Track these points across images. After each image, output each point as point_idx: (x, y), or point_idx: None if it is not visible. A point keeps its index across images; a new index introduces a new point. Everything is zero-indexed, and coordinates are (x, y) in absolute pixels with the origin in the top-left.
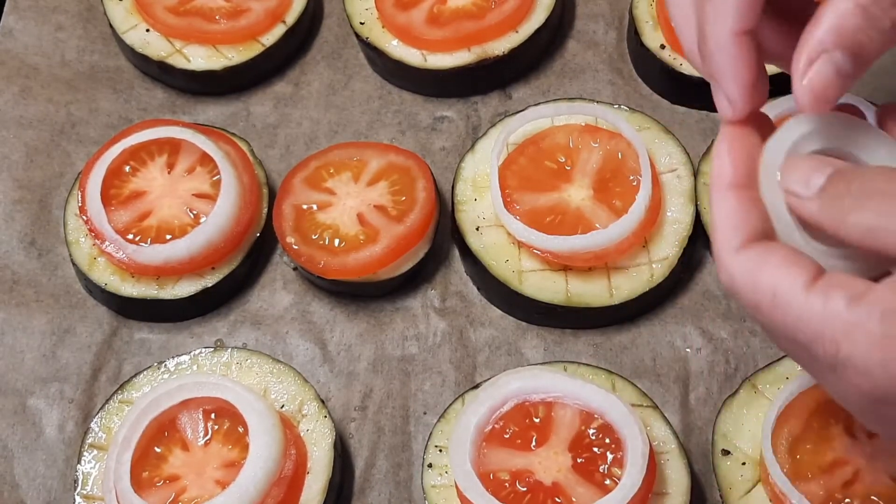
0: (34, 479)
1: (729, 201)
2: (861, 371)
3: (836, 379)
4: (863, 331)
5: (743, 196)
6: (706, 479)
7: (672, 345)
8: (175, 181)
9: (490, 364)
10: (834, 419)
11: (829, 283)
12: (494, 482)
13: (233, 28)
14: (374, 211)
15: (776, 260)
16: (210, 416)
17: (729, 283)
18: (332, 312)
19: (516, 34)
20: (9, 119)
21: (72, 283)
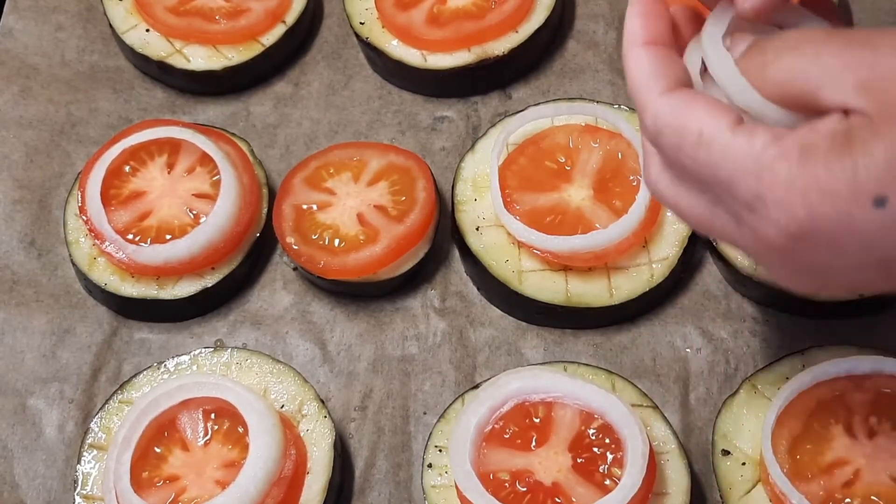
0: (34, 479)
1: (647, 54)
2: (781, 205)
3: (755, 218)
4: (783, 164)
5: (660, 50)
6: (706, 479)
7: (672, 345)
8: (175, 181)
9: (490, 364)
10: (834, 419)
11: (753, 125)
12: (494, 482)
13: (233, 28)
14: (374, 211)
15: (702, 103)
16: (210, 417)
17: (653, 124)
18: (332, 312)
19: (516, 34)
20: (9, 119)
21: (72, 283)
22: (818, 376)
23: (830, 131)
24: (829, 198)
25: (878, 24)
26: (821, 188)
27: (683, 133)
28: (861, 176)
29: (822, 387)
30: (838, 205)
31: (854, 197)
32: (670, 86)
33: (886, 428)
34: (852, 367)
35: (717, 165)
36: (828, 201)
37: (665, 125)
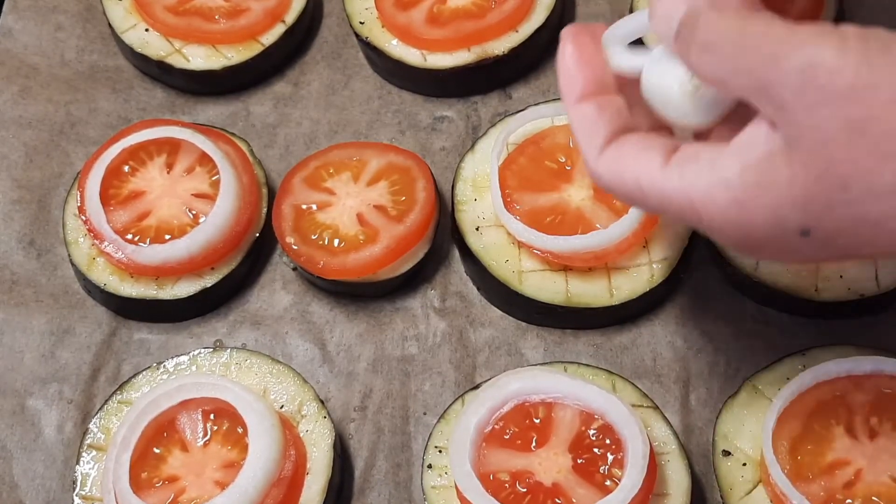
0: (33, 479)
1: (580, 112)
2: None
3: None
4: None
5: (596, 102)
6: (707, 479)
7: (672, 345)
8: (174, 181)
9: (490, 364)
10: (835, 420)
11: (681, 158)
12: (494, 483)
13: (232, 28)
14: (373, 211)
15: (631, 149)
16: (209, 417)
17: (600, 184)
18: (331, 313)
19: (516, 34)
20: (8, 119)
21: (71, 283)
22: (818, 377)
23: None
24: (760, 229)
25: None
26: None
27: (626, 187)
28: (783, 213)
29: (822, 387)
30: (769, 234)
31: (781, 230)
32: (607, 139)
33: (887, 428)
34: (853, 367)
35: (664, 208)
36: (759, 231)
37: (609, 183)
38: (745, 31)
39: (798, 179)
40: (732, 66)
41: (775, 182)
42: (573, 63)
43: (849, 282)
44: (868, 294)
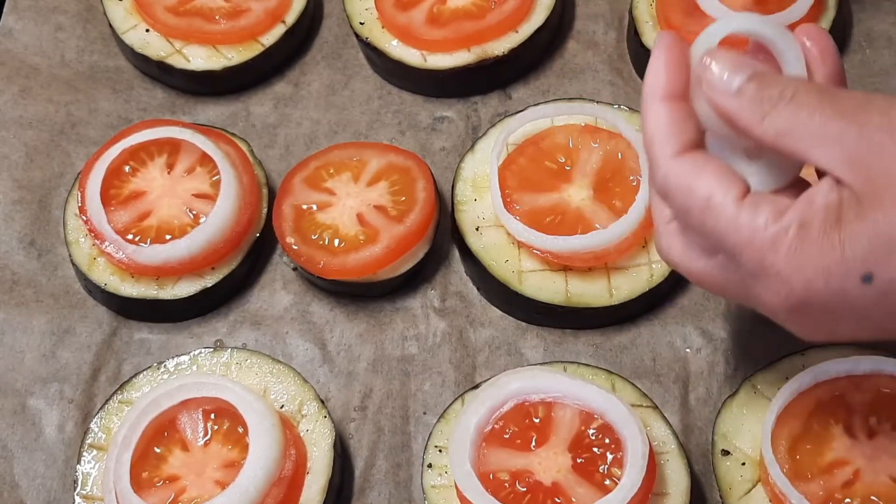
0: (34, 479)
1: (665, 110)
2: (781, 279)
3: (759, 286)
4: (783, 242)
5: (678, 106)
6: (706, 479)
7: (672, 345)
8: (175, 181)
9: (490, 364)
10: (834, 419)
11: (757, 199)
12: (494, 482)
13: (232, 28)
14: (373, 211)
15: (712, 170)
16: (210, 417)
17: (663, 184)
18: (331, 313)
19: (516, 34)
20: (8, 119)
21: (71, 283)
22: (818, 376)
23: (823, 207)
24: (823, 275)
25: (878, 24)
26: (815, 266)
27: (692, 197)
28: (848, 255)
29: (821, 387)
30: (831, 281)
31: (844, 274)
32: (684, 146)
33: (886, 428)
34: (852, 367)
35: (724, 234)
36: (821, 278)
37: (675, 186)
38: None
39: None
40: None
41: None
42: (665, 61)
43: None
44: None
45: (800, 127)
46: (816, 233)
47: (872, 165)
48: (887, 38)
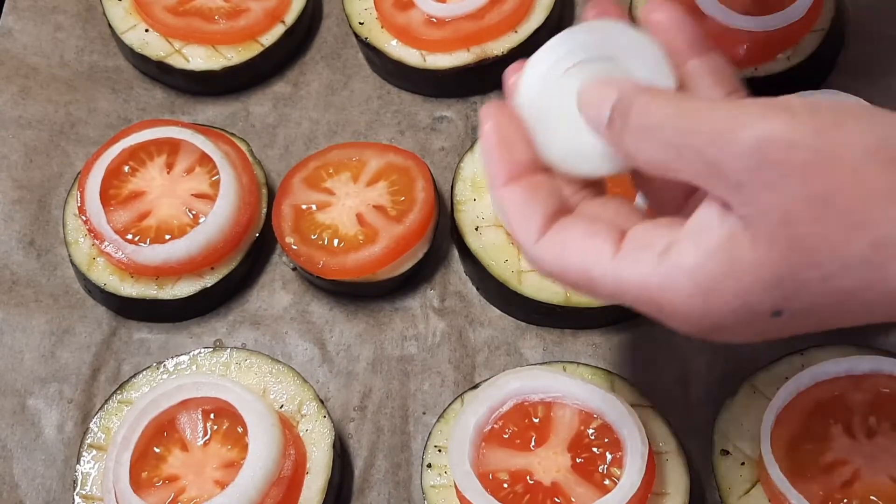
0: (33, 479)
1: (514, 195)
2: (685, 321)
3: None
4: (674, 289)
5: (525, 185)
6: (705, 479)
7: (671, 345)
8: (174, 181)
9: (489, 364)
10: (833, 419)
11: (633, 246)
12: (493, 482)
13: (232, 28)
14: (373, 211)
15: (576, 237)
16: (209, 417)
17: (542, 272)
18: (331, 312)
19: (515, 34)
20: (7, 119)
21: (71, 283)
22: (817, 376)
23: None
24: (729, 315)
25: (878, 24)
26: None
27: (571, 276)
28: (752, 299)
29: (821, 387)
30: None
31: (751, 314)
32: (544, 224)
33: (886, 428)
34: (851, 366)
35: (616, 296)
36: (728, 318)
37: (552, 269)
38: (686, 111)
39: (765, 261)
40: (676, 149)
41: (740, 267)
42: (494, 144)
43: None
44: None
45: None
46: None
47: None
48: (887, 37)
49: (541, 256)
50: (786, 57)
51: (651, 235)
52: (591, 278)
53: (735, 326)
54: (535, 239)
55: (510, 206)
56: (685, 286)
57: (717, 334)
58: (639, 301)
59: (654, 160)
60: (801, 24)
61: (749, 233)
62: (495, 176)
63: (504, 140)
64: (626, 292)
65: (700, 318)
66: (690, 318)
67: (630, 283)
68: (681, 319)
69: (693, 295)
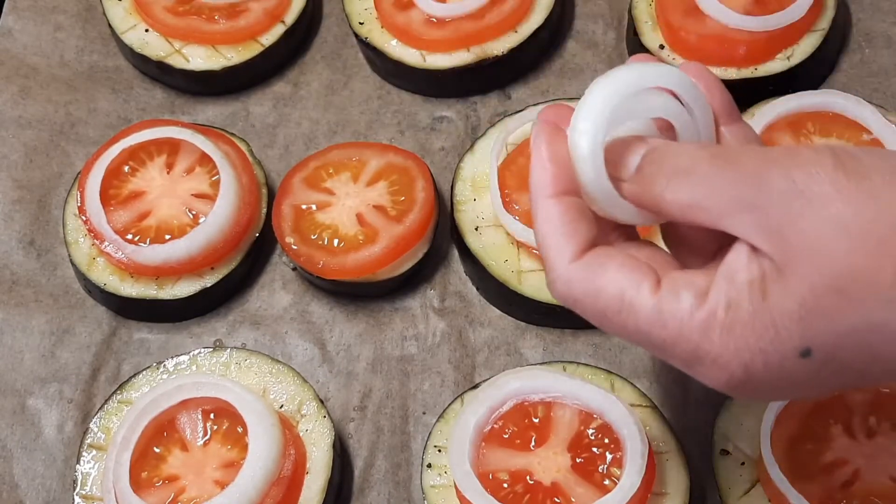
0: (33, 479)
1: (556, 209)
2: (718, 366)
3: (697, 372)
4: (714, 331)
5: (571, 204)
6: (705, 479)
7: None
8: (174, 181)
9: (489, 364)
10: (833, 419)
11: (674, 285)
12: (493, 482)
13: (232, 28)
14: (373, 211)
15: (616, 266)
16: (209, 417)
17: (567, 293)
18: (331, 312)
19: (515, 34)
20: (8, 119)
21: (71, 283)
22: None
23: (747, 284)
24: (761, 356)
25: (878, 24)
26: (751, 348)
27: (602, 300)
28: (783, 334)
29: None
30: (770, 361)
31: (782, 353)
32: (582, 247)
33: (886, 428)
34: None
35: (649, 333)
36: (759, 359)
37: (582, 293)
38: (718, 153)
39: (792, 293)
40: (708, 187)
41: (770, 301)
42: (547, 155)
43: None
44: None
45: (703, 199)
46: (746, 314)
47: (786, 233)
48: (887, 38)
49: (571, 277)
50: (786, 57)
51: (690, 277)
52: (628, 308)
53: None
54: (569, 259)
55: (551, 219)
56: (722, 323)
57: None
58: (677, 339)
59: (684, 201)
60: (801, 24)
61: (778, 269)
62: (542, 186)
63: (558, 153)
64: (664, 327)
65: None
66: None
67: (671, 320)
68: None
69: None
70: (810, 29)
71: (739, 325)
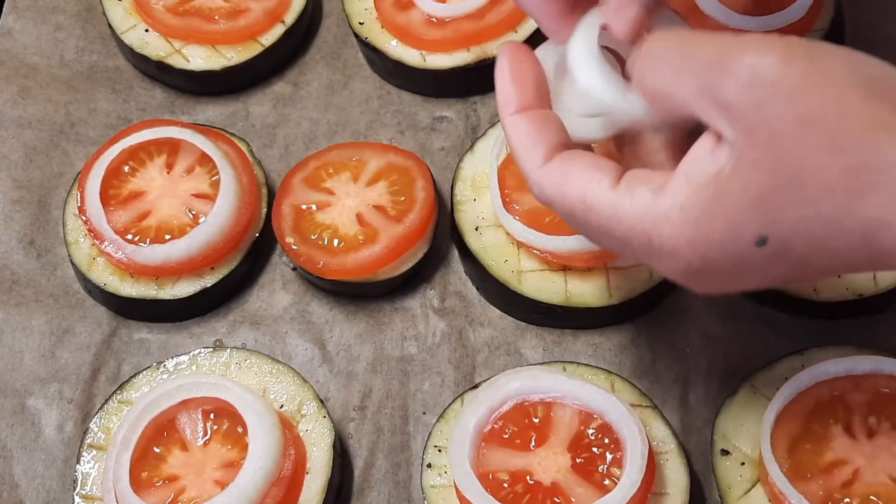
0: (33, 479)
1: (523, 122)
2: (673, 255)
3: (655, 262)
4: (667, 221)
5: (534, 115)
6: (705, 479)
7: (671, 345)
8: (174, 181)
9: (489, 364)
10: (833, 419)
11: (631, 181)
12: (493, 482)
13: (232, 28)
14: (373, 211)
15: (580, 167)
16: (209, 417)
17: (541, 197)
18: (331, 312)
19: (515, 34)
20: (7, 119)
21: (71, 283)
22: (817, 376)
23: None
24: (717, 246)
25: (878, 24)
26: (706, 239)
27: (569, 202)
28: (738, 223)
29: (821, 387)
30: (726, 250)
31: (737, 242)
32: (549, 152)
33: (886, 428)
34: (851, 366)
35: (609, 227)
36: (716, 249)
37: (552, 195)
38: (689, 39)
39: (750, 182)
40: (676, 72)
41: (728, 191)
42: (509, 75)
43: (847, 281)
44: (866, 294)
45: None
46: (703, 204)
47: (750, 120)
48: (887, 38)
49: (542, 182)
50: None
51: (649, 174)
52: (588, 206)
53: (723, 262)
54: (538, 164)
55: (518, 132)
56: (676, 219)
57: (706, 277)
58: (631, 232)
59: (656, 85)
60: (801, 24)
61: (738, 158)
62: (506, 104)
63: (519, 72)
64: (619, 222)
65: (689, 252)
66: (680, 253)
67: (625, 214)
68: (670, 256)
69: (683, 226)
70: (810, 29)
71: (696, 216)
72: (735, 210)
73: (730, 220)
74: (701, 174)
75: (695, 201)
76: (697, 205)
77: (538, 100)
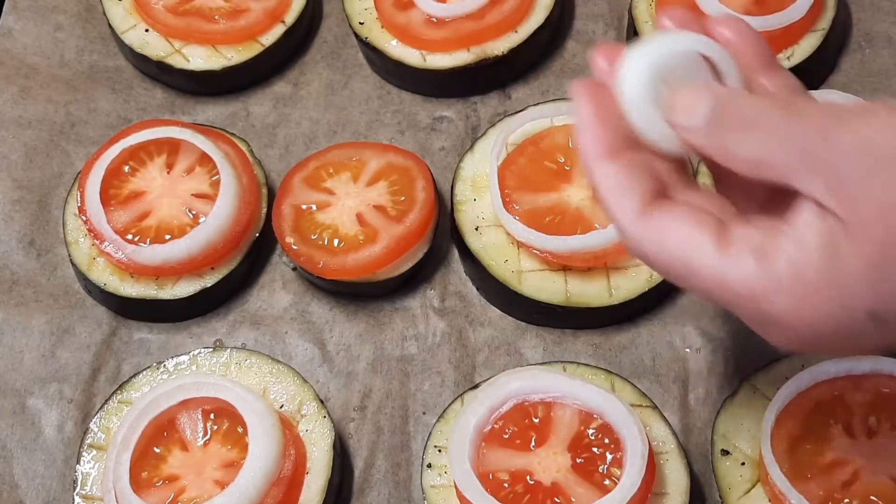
0: (33, 478)
1: (612, 170)
2: (785, 329)
3: (764, 330)
4: (780, 295)
5: (626, 162)
6: (705, 479)
7: (671, 345)
8: (174, 181)
9: (489, 364)
10: (833, 419)
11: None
12: (493, 482)
13: (232, 28)
14: (373, 211)
15: (679, 224)
16: (209, 417)
17: (636, 251)
18: (331, 312)
19: (515, 34)
20: (8, 119)
21: (71, 283)
22: (817, 376)
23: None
24: (829, 319)
25: (878, 24)
26: (818, 311)
27: (671, 263)
28: (853, 296)
29: (821, 387)
30: (840, 323)
31: (849, 317)
32: (643, 201)
33: (886, 428)
34: (851, 366)
35: (712, 292)
36: (828, 321)
37: (650, 254)
38: (788, 106)
39: (862, 255)
40: (777, 141)
41: (839, 263)
42: (594, 116)
43: None
44: None
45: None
46: (814, 276)
47: (856, 193)
48: (887, 38)
49: (640, 237)
50: (786, 57)
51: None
52: (692, 271)
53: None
54: (633, 217)
55: (609, 180)
56: (788, 286)
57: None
58: (737, 300)
59: (753, 155)
60: (801, 24)
61: (847, 228)
62: (592, 150)
63: (602, 114)
64: (727, 290)
65: (800, 320)
66: (790, 322)
67: (731, 280)
68: (780, 323)
69: (795, 295)
70: (810, 29)
71: (806, 287)
72: (847, 279)
73: (842, 291)
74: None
75: (807, 269)
76: (810, 273)
77: (624, 141)
